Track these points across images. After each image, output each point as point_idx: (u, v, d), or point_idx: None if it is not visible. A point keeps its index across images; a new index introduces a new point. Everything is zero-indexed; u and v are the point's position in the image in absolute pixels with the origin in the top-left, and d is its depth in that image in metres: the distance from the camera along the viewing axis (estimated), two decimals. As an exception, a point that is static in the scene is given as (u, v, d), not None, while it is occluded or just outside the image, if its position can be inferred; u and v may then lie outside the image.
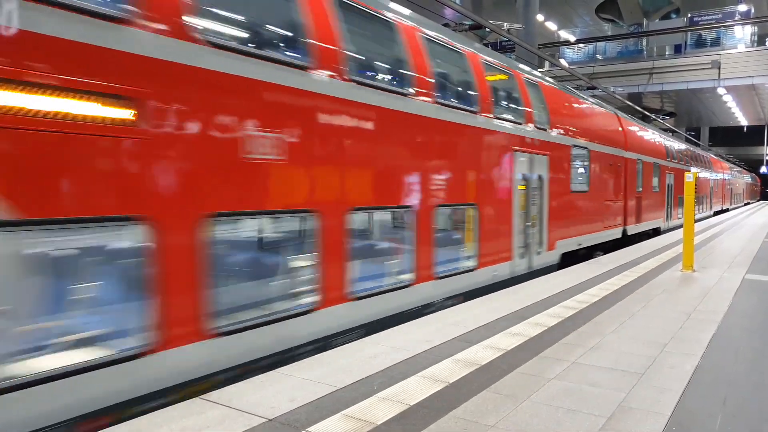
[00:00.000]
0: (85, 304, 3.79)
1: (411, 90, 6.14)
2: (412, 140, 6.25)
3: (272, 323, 4.45)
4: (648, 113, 25.45)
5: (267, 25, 4.96)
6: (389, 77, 6.35)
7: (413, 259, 6.23)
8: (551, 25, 30.60)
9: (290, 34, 4.99)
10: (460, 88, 7.62)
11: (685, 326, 5.36)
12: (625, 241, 13.91)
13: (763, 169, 51.47)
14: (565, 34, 31.64)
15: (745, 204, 51.87)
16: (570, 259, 10.55)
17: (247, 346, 4.24)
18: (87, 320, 3.82)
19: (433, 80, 6.46)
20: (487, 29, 12.98)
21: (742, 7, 24.73)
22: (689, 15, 24.86)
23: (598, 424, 3.16)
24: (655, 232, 17.41)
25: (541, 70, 21.74)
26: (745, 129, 44.87)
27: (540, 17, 27.68)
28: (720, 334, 5.09)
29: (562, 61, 24.71)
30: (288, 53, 4.91)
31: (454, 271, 7.06)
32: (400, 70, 6.27)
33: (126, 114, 3.54)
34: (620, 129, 14.23)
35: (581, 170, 11.41)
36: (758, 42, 23.63)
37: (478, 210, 7.46)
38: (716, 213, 31.13)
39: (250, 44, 4.63)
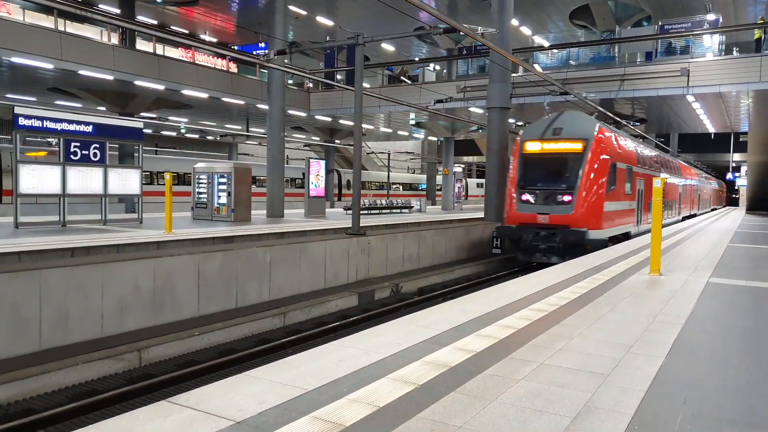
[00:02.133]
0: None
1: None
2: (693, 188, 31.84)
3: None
4: (619, 119, 25.89)
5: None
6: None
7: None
8: (526, 30, 30.97)
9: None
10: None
11: (651, 329, 5.48)
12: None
13: (729, 176, 52.86)
14: (539, 40, 32.04)
15: (723, 207, 63.43)
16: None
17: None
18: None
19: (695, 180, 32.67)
20: (462, 33, 13.06)
21: (711, 17, 25.35)
22: (660, 23, 25.39)
23: (563, 424, 3.22)
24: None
25: (515, 75, 21.97)
26: (712, 136, 45.94)
27: (515, 22, 27.99)
28: (683, 337, 5.21)
29: (536, 66, 24.99)
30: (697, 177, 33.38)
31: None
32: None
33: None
34: (709, 180, 43.20)
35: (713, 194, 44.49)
36: (725, 51, 24.21)
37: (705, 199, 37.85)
38: (712, 209, 49.66)
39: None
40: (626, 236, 17.26)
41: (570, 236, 14.50)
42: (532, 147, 15.82)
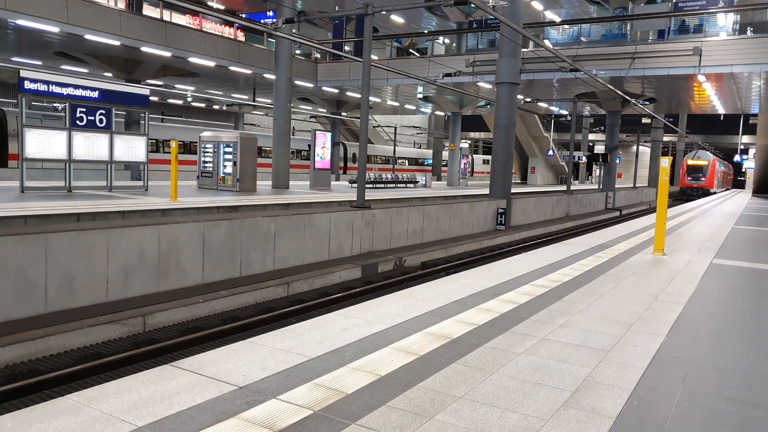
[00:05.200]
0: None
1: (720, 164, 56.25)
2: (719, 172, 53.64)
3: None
4: (628, 98, 25.61)
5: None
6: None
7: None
8: (537, 5, 30.45)
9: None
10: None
11: (652, 307, 5.50)
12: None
13: (736, 158, 52.95)
14: (550, 15, 31.54)
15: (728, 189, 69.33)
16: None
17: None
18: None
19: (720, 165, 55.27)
20: (472, 5, 12.86)
21: (726, -6, 24.87)
22: (674, 0, 24.92)
23: (563, 397, 3.25)
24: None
25: (525, 50, 21.70)
26: (722, 117, 45.51)
27: (527, -4, 27.51)
28: (684, 316, 5.23)
29: (546, 42, 24.67)
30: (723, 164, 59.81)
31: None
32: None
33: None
34: (723, 166, 58.81)
35: (724, 176, 59.82)
36: (739, 31, 23.79)
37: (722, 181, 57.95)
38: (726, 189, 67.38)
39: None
40: (714, 193, 43.96)
41: (704, 191, 44.26)
42: (690, 162, 46.27)
